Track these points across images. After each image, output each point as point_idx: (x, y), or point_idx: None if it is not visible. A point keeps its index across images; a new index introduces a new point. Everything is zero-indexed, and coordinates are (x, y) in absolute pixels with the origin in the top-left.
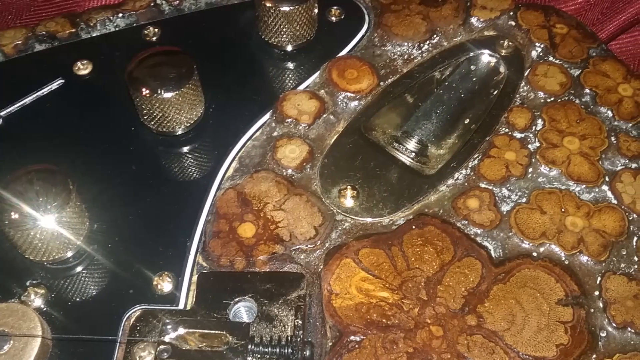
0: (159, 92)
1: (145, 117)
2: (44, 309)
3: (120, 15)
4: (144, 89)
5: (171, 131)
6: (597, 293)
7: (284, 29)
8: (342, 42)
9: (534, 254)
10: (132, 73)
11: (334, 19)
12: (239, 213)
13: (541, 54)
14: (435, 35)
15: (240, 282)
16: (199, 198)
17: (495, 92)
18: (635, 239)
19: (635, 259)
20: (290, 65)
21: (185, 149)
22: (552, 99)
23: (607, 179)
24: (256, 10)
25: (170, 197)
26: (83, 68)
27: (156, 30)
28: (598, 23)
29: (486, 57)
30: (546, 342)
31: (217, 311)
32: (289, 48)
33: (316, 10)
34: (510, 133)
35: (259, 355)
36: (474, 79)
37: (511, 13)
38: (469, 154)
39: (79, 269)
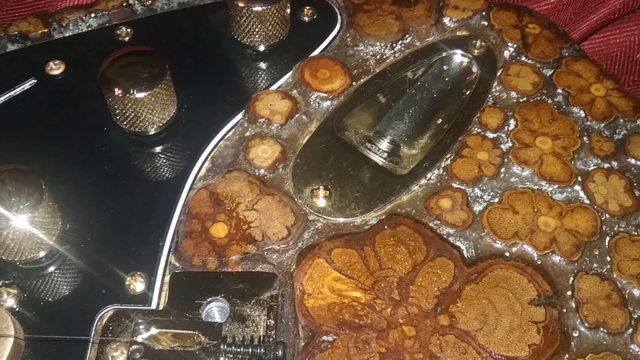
0: (132, 92)
1: (117, 117)
2: (17, 309)
3: (93, 15)
4: (116, 89)
5: (144, 131)
6: (569, 293)
7: (257, 29)
8: (315, 42)
9: (507, 254)
10: (105, 73)
11: (306, 19)
12: (211, 213)
13: (514, 54)
14: (407, 35)
15: (213, 282)
16: (171, 198)
17: (467, 92)
18: (607, 239)
19: (608, 259)
20: (263, 65)
21: (158, 149)
22: (525, 99)
23: (579, 179)
24: (229, 10)
25: (143, 197)
26: (55, 68)
27: (129, 30)
28: (570, 23)
29: (459, 57)
30: (518, 342)
31: (190, 311)
32: (262, 48)
33: (288, 10)
34: (482, 133)
35: (231, 355)
36: (447, 79)
37: (484, 13)
38: (442, 154)
39: (51, 269)
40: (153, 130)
